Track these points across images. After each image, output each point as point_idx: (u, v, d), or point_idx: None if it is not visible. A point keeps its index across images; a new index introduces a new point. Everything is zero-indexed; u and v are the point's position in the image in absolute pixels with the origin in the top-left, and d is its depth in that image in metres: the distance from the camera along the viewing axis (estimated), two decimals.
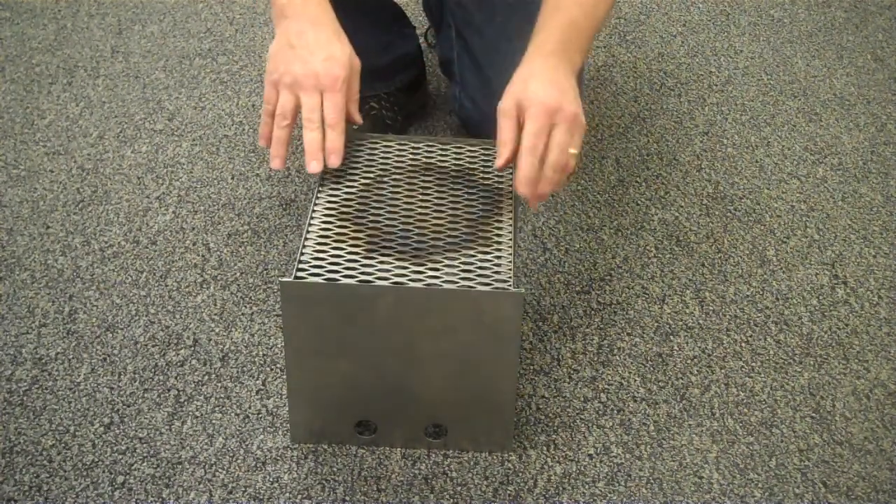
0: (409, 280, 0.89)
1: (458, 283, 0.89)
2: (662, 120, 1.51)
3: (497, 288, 0.88)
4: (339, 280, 0.88)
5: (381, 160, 1.04)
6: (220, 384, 1.08)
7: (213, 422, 1.04)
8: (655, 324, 1.17)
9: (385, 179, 1.01)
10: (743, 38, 1.72)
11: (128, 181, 1.37)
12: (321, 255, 0.91)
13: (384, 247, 0.93)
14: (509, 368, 0.93)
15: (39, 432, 1.03)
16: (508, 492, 0.98)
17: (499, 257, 0.92)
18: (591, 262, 1.26)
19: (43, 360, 1.11)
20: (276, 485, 0.98)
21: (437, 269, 0.90)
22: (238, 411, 1.05)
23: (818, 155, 1.45)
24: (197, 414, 1.05)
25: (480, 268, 0.91)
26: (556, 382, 1.10)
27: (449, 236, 0.94)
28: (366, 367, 0.93)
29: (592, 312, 1.19)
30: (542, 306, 1.19)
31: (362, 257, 0.91)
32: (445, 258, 0.92)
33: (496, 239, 0.94)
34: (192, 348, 1.13)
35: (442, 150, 1.06)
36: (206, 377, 1.09)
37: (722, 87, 1.59)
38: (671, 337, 1.16)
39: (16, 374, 1.09)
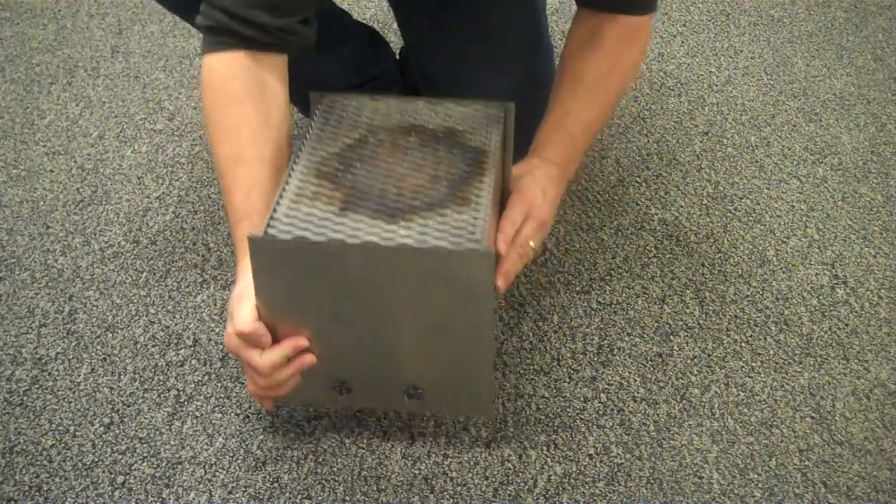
0: (381, 239, 0.85)
1: (429, 242, 0.85)
2: (662, 120, 1.51)
3: (468, 248, 0.85)
4: (308, 237, 0.85)
5: (367, 121, 0.99)
6: (220, 384, 1.08)
7: (213, 422, 1.04)
8: (655, 324, 1.17)
9: (369, 140, 0.97)
10: (743, 38, 1.72)
11: (128, 181, 1.37)
12: (294, 213, 0.88)
13: (359, 206, 0.89)
14: (484, 330, 0.90)
15: (39, 432, 1.03)
16: (508, 492, 0.98)
17: (476, 217, 0.88)
18: (591, 262, 1.26)
19: (43, 360, 1.11)
20: (276, 485, 0.98)
21: (410, 229, 0.87)
22: (238, 411, 1.05)
23: (818, 155, 1.45)
24: (197, 414, 1.05)
25: (455, 227, 0.87)
26: (556, 382, 1.10)
27: (427, 196, 0.91)
28: (339, 326, 0.91)
29: (592, 312, 1.19)
30: (542, 306, 1.19)
31: (336, 215, 0.88)
32: (420, 217, 0.88)
33: (475, 199, 0.90)
34: (192, 348, 1.13)
35: (430, 110, 1.01)
36: (206, 377, 1.09)
37: (722, 87, 1.59)
38: (671, 337, 1.16)
39: (16, 374, 1.09)
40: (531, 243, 0.98)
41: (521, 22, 1.24)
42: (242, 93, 0.95)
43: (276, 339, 0.91)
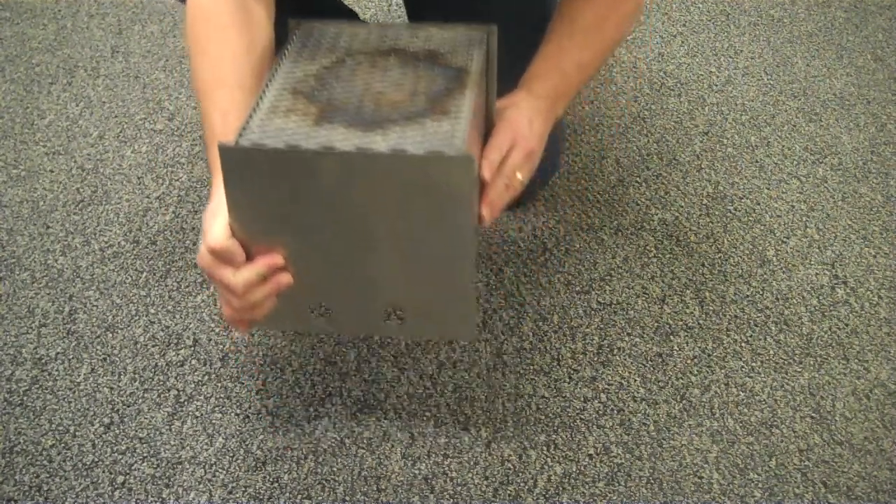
0: (356, 147, 0.82)
1: (407, 150, 0.82)
2: (662, 120, 1.51)
3: (447, 154, 0.81)
4: (281, 147, 0.82)
5: (346, 45, 0.96)
6: (220, 384, 1.08)
7: (213, 422, 1.04)
8: (655, 324, 1.17)
9: (346, 61, 0.94)
10: (743, 38, 1.72)
11: (128, 181, 1.37)
12: (268, 125, 0.85)
13: (335, 118, 0.86)
14: (464, 244, 0.86)
15: (39, 432, 1.03)
16: (508, 492, 0.98)
17: (455, 127, 0.85)
18: (591, 262, 1.26)
19: (43, 360, 1.11)
20: (276, 485, 0.98)
21: (387, 138, 0.83)
22: (238, 411, 1.05)
23: (818, 155, 1.45)
24: (197, 414, 1.05)
25: (434, 135, 0.84)
26: (556, 382, 1.10)
27: (405, 110, 0.87)
28: (316, 244, 0.88)
29: (592, 312, 1.19)
30: (542, 306, 1.19)
31: (310, 127, 0.85)
32: (398, 127, 0.85)
33: (454, 111, 0.87)
34: (192, 348, 1.13)
35: (411, 34, 0.98)
36: (206, 377, 1.09)
37: (722, 87, 1.59)
38: (671, 337, 1.16)
39: (16, 374, 1.09)
40: (518, 175, 0.94)
41: (526, 14, 1.23)
42: (228, 21, 0.93)
43: (250, 260, 0.87)
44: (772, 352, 1.14)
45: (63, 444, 1.02)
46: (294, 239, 0.88)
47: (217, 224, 0.86)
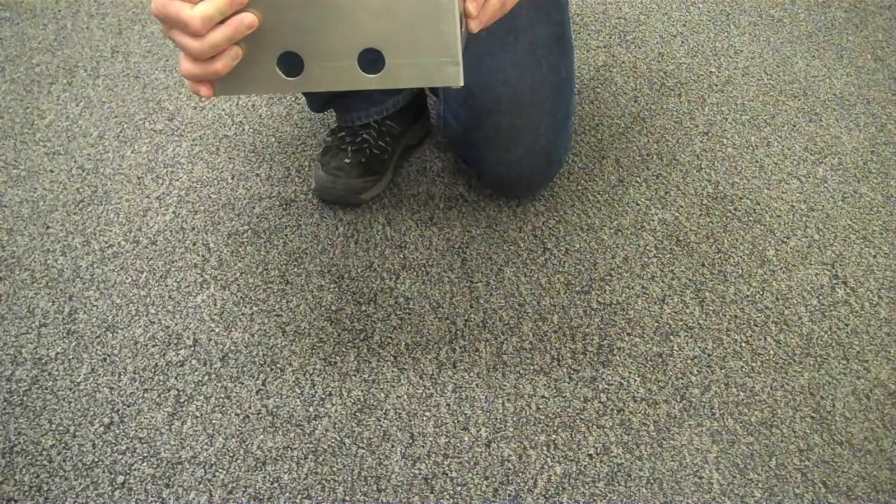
0: None
1: None
2: (662, 120, 1.51)
3: None
4: None
5: None
6: (220, 384, 1.08)
7: (213, 422, 1.04)
8: (655, 324, 1.17)
9: None
10: (743, 38, 1.72)
11: (128, 181, 1.37)
12: None
13: None
14: None
15: (39, 432, 1.03)
16: (508, 492, 0.98)
17: None
18: (591, 262, 1.26)
19: (43, 360, 1.11)
20: (276, 485, 0.98)
21: None
22: (238, 411, 1.05)
23: (818, 155, 1.45)
24: (197, 414, 1.05)
25: None
26: (556, 382, 1.10)
27: None
28: None
29: (592, 312, 1.19)
30: (542, 306, 1.19)
31: None
32: None
33: None
34: (192, 348, 1.13)
35: None
36: (206, 377, 1.09)
37: (722, 87, 1.59)
38: (671, 337, 1.16)
39: (16, 374, 1.09)
40: None
41: (546, 17, 1.23)
42: None
43: None
44: (772, 352, 1.14)
45: (63, 444, 1.02)
46: None
47: None
